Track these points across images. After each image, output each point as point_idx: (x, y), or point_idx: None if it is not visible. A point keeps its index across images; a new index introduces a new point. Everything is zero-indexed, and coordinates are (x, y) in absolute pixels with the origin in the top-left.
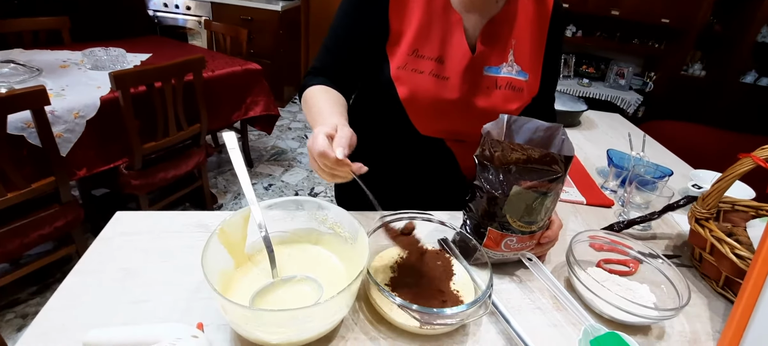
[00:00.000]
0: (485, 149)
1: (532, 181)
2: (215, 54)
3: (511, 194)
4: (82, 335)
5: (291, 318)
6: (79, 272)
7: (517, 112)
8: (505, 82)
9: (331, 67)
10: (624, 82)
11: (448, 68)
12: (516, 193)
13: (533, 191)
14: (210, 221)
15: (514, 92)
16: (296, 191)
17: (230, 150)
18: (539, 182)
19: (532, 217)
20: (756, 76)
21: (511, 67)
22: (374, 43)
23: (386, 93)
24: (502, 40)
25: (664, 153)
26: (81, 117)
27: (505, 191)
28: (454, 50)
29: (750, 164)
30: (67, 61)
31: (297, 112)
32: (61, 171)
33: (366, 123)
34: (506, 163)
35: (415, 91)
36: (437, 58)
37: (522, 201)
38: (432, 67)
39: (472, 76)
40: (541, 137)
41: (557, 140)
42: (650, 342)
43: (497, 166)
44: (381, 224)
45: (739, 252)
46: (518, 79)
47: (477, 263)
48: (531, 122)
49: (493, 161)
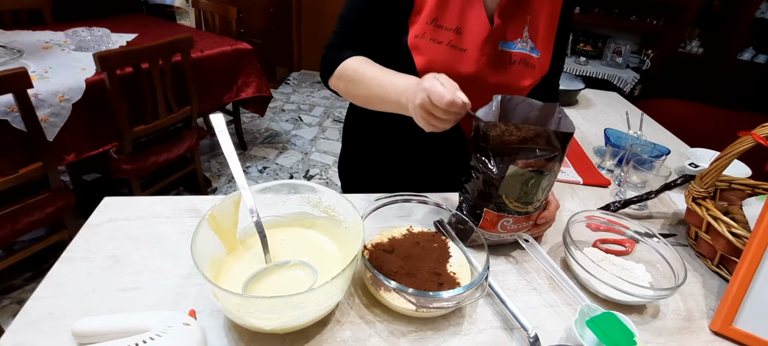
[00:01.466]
0: (480, 129)
1: (528, 160)
2: (204, 34)
3: (507, 175)
4: (71, 323)
5: (284, 304)
6: (67, 259)
7: (528, 89)
8: (519, 57)
9: (352, 39)
10: (621, 60)
11: (466, 40)
12: (513, 173)
13: (530, 170)
14: (201, 205)
15: (527, 68)
16: (291, 173)
17: (218, 133)
18: (536, 160)
19: (528, 197)
20: (753, 53)
21: (526, 43)
22: (398, 14)
23: (402, 62)
24: (519, 15)
25: (661, 132)
26: (66, 100)
27: (501, 172)
28: (473, 22)
29: (750, 142)
30: (50, 42)
31: (290, 94)
32: (49, 156)
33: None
34: (502, 143)
35: (433, 61)
36: (456, 29)
37: (519, 181)
38: (451, 38)
39: (489, 50)
40: (537, 117)
41: (554, 119)
42: (645, 320)
43: (493, 146)
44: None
45: (735, 231)
46: (532, 55)
47: (473, 244)
48: (526, 102)
49: (489, 141)
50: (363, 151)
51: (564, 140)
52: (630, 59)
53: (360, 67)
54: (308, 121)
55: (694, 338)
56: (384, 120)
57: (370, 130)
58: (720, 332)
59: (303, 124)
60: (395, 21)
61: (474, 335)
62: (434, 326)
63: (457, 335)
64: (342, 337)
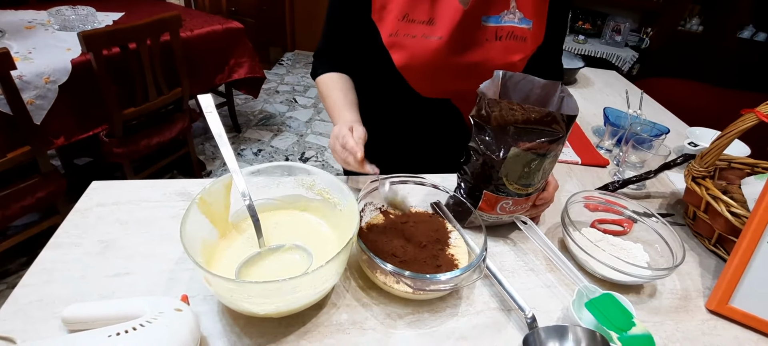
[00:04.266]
0: (482, 109)
1: (531, 142)
2: (193, 12)
3: (508, 156)
4: (61, 309)
5: (278, 289)
6: (56, 245)
7: (521, 65)
8: (506, 31)
9: (332, 47)
10: (620, 39)
11: (439, 28)
12: (514, 155)
13: (532, 152)
14: (193, 188)
15: (516, 42)
16: (286, 156)
17: (206, 113)
18: (539, 142)
19: (529, 179)
20: (753, 31)
21: (514, 14)
22: (359, 15)
23: (383, 62)
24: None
25: (660, 111)
26: (52, 82)
27: (502, 153)
28: (444, 8)
29: (753, 120)
30: (33, 21)
31: (284, 75)
32: (37, 140)
33: (370, 92)
34: (504, 124)
35: (410, 57)
36: (428, 21)
37: (520, 163)
38: (424, 31)
39: (466, 31)
40: (538, 95)
41: (556, 98)
42: (642, 300)
43: (494, 126)
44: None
45: (734, 210)
46: (521, 26)
47: (471, 226)
48: (527, 79)
49: (490, 122)
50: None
51: (568, 122)
52: (629, 37)
53: (326, 87)
54: (303, 102)
55: (691, 316)
56: (379, 102)
57: (366, 112)
58: (716, 311)
59: (298, 106)
60: (361, 21)
61: (471, 316)
62: (431, 308)
63: (455, 316)
64: (338, 320)
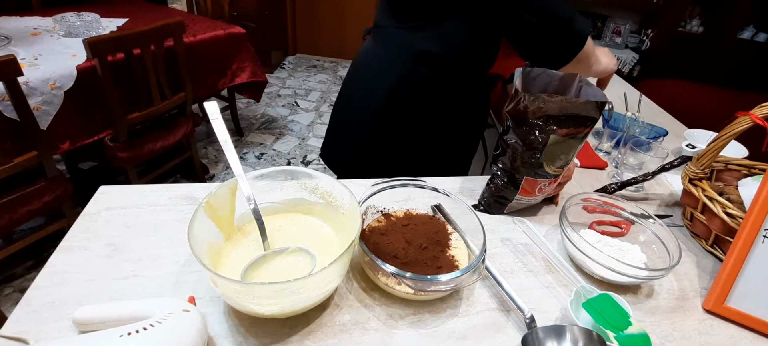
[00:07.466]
0: (519, 104)
1: (567, 128)
2: (196, 17)
3: (549, 143)
4: (72, 311)
5: (283, 290)
6: (65, 248)
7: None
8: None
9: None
10: (620, 40)
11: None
12: (554, 141)
13: (569, 137)
14: (198, 192)
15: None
16: (288, 159)
17: (212, 120)
18: (576, 128)
19: (564, 160)
20: (754, 32)
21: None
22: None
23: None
24: None
25: (659, 112)
26: (58, 88)
27: (543, 140)
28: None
29: (748, 122)
30: (38, 28)
31: (286, 79)
32: (43, 145)
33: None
34: (542, 115)
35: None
36: None
37: (559, 148)
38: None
39: None
40: (556, 87)
41: (574, 87)
42: (639, 300)
43: (532, 118)
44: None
45: (730, 211)
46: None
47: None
48: (545, 73)
49: (528, 114)
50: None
51: (600, 108)
52: (629, 39)
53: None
54: (305, 106)
55: (687, 316)
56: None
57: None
58: (712, 311)
59: (299, 109)
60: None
61: (471, 316)
62: (432, 309)
63: (455, 316)
64: (341, 320)
